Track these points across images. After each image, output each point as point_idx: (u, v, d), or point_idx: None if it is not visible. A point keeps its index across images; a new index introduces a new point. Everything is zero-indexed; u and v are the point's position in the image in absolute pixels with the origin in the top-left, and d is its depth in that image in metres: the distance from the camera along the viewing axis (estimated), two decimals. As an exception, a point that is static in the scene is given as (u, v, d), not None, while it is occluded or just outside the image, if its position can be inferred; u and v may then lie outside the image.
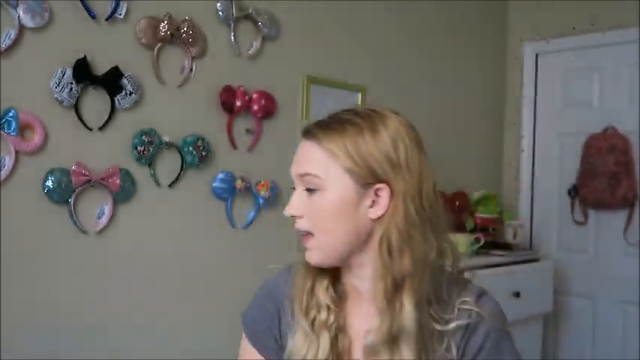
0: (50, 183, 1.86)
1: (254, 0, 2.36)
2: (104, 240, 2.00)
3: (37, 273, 1.86)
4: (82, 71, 1.89)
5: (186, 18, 2.15)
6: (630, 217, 3.14)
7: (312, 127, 1.01)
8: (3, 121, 1.77)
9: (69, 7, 1.90)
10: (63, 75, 1.86)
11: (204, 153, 2.21)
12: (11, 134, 1.78)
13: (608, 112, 3.23)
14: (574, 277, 3.33)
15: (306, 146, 1.00)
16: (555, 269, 3.09)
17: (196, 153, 2.18)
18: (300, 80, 2.54)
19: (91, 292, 1.97)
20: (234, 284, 2.26)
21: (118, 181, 1.99)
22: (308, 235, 1.01)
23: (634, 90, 3.14)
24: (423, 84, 3.10)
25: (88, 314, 1.96)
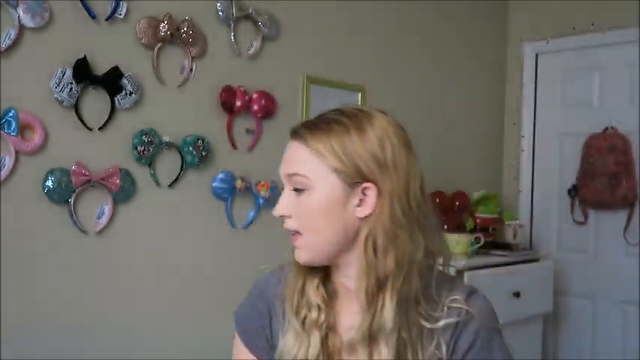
0: (50, 183, 1.86)
1: (254, 0, 2.36)
2: (104, 240, 2.00)
3: (37, 273, 1.86)
4: (82, 71, 1.90)
5: (186, 18, 2.15)
6: (630, 217, 3.14)
7: (300, 128, 1.01)
8: (3, 121, 1.77)
9: (69, 7, 1.90)
10: (63, 75, 1.86)
11: (204, 153, 2.21)
12: (11, 134, 1.78)
13: (608, 112, 3.23)
14: (574, 277, 3.33)
15: (294, 146, 1.01)
16: (555, 269, 3.08)
17: (196, 153, 2.18)
18: (300, 80, 2.54)
19: (91, 292, 1.97)
20: (234, 284, 2.25)
21: (118, 181, 1.99)
22: (297, 235, 1.01)
23: (634, 90, 3.14)
24: (423, 84, 3.10)
25: (88, 314, 1.97)
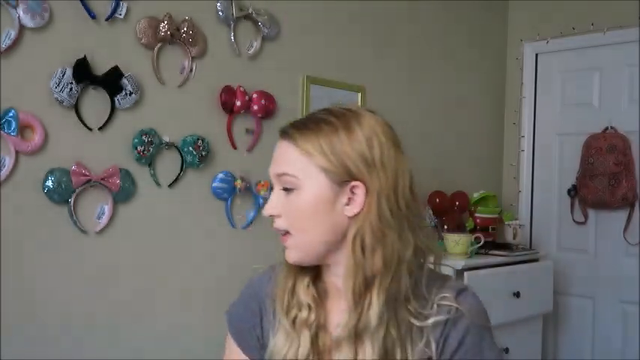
0: (50, 183, 1.86)
1: (254, 0, 2.36)
2: (104, 240, 2.00)
3: (37, 273, 1.86)
4: (82, 71, 1.89)
5: (186, 18, 2.15)
6: (630, 217, 3.14)
7: (288, 128, 1.01)
8: (3, 121, 1.77)
9: (69, 7, 1.90)
10: (63, 75, 1.86)
11: (204, 153, 2.21)
12: (11, 134, 1.78)
13: (608, 112, 3.23)
14: (574, 277, 3.33)
15: (283, 146, 1.01)
16: (555, 269, 3.08)
17: (196, 153, 2.18)
18: (300, 80, 2.54)
19: (91, 292, 1.97)
20: (233, 284, 2.24)
21: (118, 181, 1.99)
22: (287, 235, 1.02)
23: (634, 90, 3.14)
24: (423, 84, 3.10)
25: (88, 314, 1.96)
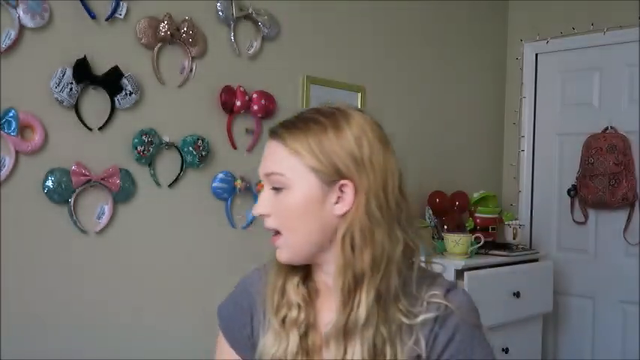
0: (50, 183, 1.86)
1: (254, 0, 2.36)
2: (104, 240, 2.00)
3: (37, 273, 1.86)
4: (82, 71, 1.89)
5: (186, 18, 2.15)
6: (630, 217, 3.14)
7: (278, 127, 1.02)
8: (3, 121, 1.77)
9: (69, 7, 1.90)
10: (63, 75, 1.86)
11: (204, 153, 2.21)
12: (11, 134, 1.78)
13: (608, 112, 3.23)
14: (574, 277, 3.33)
15: (272, 146, 1.01)
16: (555, 269, 3.08)
17: (196, 153, 2.18)
18: (300, 80, 2.54)
19: (91, 292, 1.97)
20: (234, 284, 2.25)
21: (118, 181, 1.99)
22: (277, 235, 1.02)
23: (634, 90, 3.14)
24: (423, 84, 3.10)
25: (87, 314, 1.96)
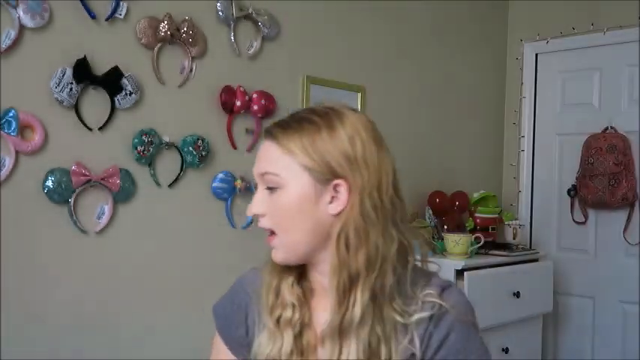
0: (50, 183, 1.86)
1: (254, 0, 2.36)
2: (104, 240, 2.00)
3: (37, 273, 1.86)
4: (82, 71, 1.89)
5: (186, 18, 2.15)
6: (630, 217, 3.14)
7: (272, 127, 1.02)
8: (3, 121, 1.77)
9: (69, 7, 1.90)
10: (63, 75, 1.86)
11: (204, 153, 2.21)
12: (11, 134, 1.78)
13: (607, 112, 3.23)
14: (574, 277, 3.33)
15: (266, 146, 1.02)
16: (555, 269, 3.08)
17: (196, 153, 2.18)
18: (300, 80, 2.54)
19: (91, 292, 1.97)
20: (234, 284, 2.25)
21: (118, 181, 1.99)
22: (272, 235, 1.02)
23: (634, 90, 3.14)
24: (423, 84, 3.10)
25: (87, 314, 1.96)
